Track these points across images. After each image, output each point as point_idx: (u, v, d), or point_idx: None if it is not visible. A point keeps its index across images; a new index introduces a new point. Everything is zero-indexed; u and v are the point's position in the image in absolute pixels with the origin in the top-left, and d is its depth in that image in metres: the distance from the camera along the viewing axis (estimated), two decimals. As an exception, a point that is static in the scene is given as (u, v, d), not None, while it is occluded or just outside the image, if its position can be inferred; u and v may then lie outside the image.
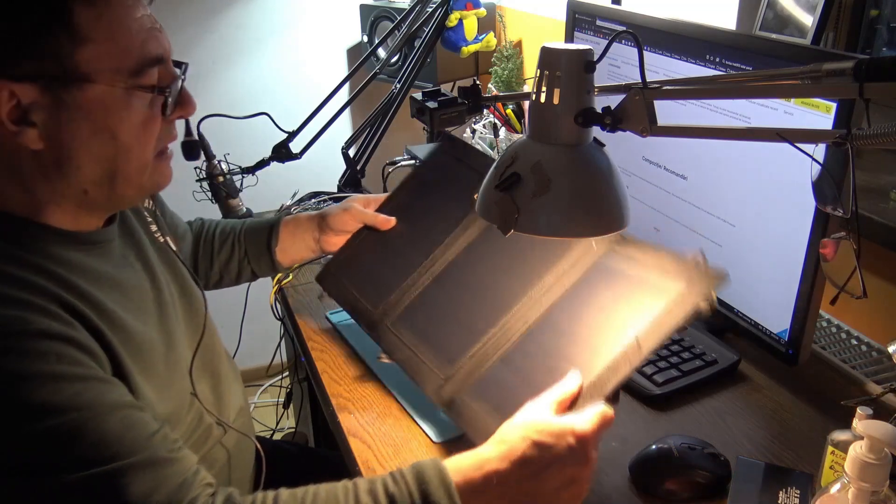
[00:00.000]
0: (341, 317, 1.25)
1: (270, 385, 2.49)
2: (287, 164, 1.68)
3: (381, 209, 1.24)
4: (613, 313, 0.89)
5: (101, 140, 0.79)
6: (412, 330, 1.05)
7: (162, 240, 1.02)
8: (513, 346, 0.94)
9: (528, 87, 1.63)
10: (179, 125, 0.95)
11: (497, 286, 1.02)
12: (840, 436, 0.82)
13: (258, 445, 1.08)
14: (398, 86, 1.79)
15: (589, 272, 0.96)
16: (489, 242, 1.08)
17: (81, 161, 0.79)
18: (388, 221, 1.21)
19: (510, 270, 1.03)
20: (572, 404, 0.82)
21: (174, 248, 1.05)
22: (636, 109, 0.73)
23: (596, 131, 0.78)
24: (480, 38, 2.04)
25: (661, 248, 0.93)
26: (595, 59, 0.74)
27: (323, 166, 1.96)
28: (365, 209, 1.22)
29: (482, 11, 2.02)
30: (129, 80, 0.78)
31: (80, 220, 0.85)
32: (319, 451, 1.54)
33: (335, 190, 1.78)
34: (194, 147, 1.04)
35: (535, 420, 0.80)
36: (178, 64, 0.86)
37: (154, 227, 1.03)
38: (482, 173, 1.16)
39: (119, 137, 0.80)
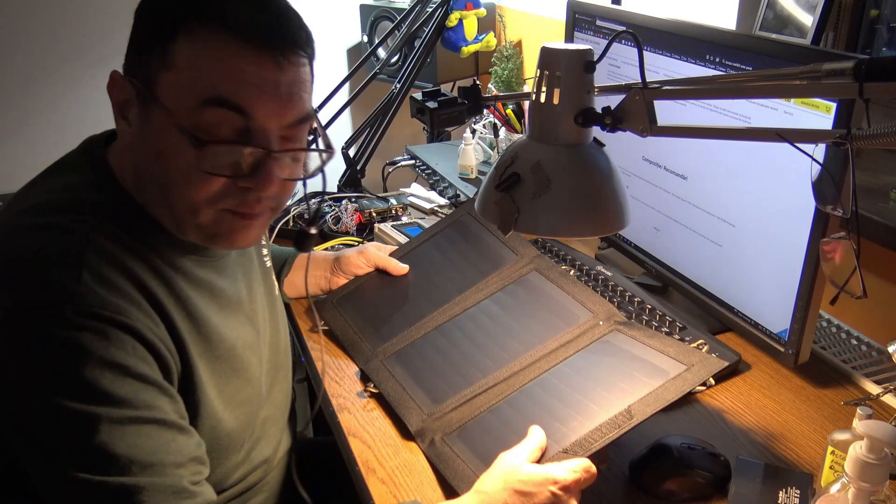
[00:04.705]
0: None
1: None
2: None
3: (395, 255, 1.27)
4: (610, 384, 0.91)
5: (157, 162, 0.77)
6: (405, 367, 1.06)
7: (269, 263, 1.05)
8: (504, 399, 0.96)
9: (528, 87, 1.63)
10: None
11: (499, 344, 1.05)
12: (840, 436, 0.82)
13: (301, 489, 1.03)
14: (398, 86, 1.79)
15: (592, 345, 0.99)
16: (499, 305, 1.11)
17: (148, 177, 0.79)
18: (401, 268, 1.24)
19: (515, 332, 1.06)
20: (541, 458, 0.85)
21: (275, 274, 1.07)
22: (636, 109, 0.73)
23: (596, 131, 0.78)
24: (480, 38, 2.04)
25: (664, 335, 0.98)
26: (595, 59, 0.74)
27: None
28: (379, 252, 1.26)
29: (482, 11, 2.02)
30: (188, 116, 0.74)
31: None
32: (319, 439, 1.54)
33: (335, 190, 1.78)
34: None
35: (515, 469, 0.82)
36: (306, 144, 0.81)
37: (265, 251, 1.05)
38: (503, 240, 1.19)
39: (168, 172, 0.77)
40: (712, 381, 1.06)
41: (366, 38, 2.28)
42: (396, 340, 1.11)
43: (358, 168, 1.80)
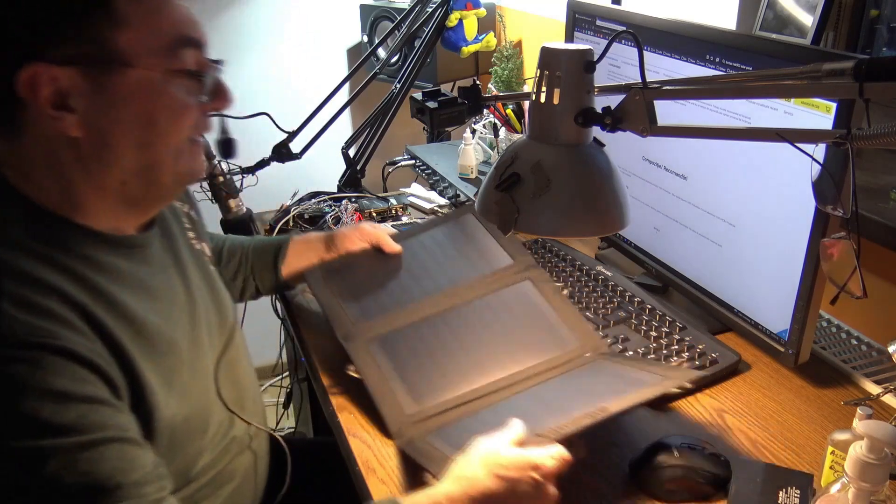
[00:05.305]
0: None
1: (270, 385, 2.49)
2: (287, 164, 1.68)
3: (393, 237, 1.26)
4: (594, 396, 0.91)
5: (140, 126, 0.77)
6: (389, 356, 1.05)
7: (198, 246, 1.02)
8: (488, 408, 0.95)
9: (528, 87, 1.63)
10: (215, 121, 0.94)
11: (487, 351, 1.04)
12: (840, 436, 0.82)
13: (283, 444, 1.06)
14: (398, 86, 1.79)
15: (579, 369, 1.00)
16: (490, 310, 1.10)
17: (120, 148, 0.78)
18: (395, 247, 1.23)
19: (507, 339, 1.05)
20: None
21: (209, 254, 1.05)
22: (636, 109, 0.73)
23: (596, 131, 0.78)
24: (480, 38, 2.04)
25: (652, 362, 1.01)
26: (595, 59, 0.74)
27: (323, 166, 1.96)
28: (374, 228, 1.25)
29: (482, 11, 2.02)
30: (165, 62, 0.77)
31: (120, 219, 0.83)
32: (320, 439, 1.55)
33: (335, 190, 1.78)
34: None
35: (495, 453, 0.80)
36: (215, 61, 0.85)
37: (191, 234, 1.02)
38: (501, 244, 1.19)
39: (157, 123, 0.78)
40: (689, 385, 1.05)
41: (366, 38, 2.28)
42: (381, 321, 1.09)
43: (358, 168, 1.80)
